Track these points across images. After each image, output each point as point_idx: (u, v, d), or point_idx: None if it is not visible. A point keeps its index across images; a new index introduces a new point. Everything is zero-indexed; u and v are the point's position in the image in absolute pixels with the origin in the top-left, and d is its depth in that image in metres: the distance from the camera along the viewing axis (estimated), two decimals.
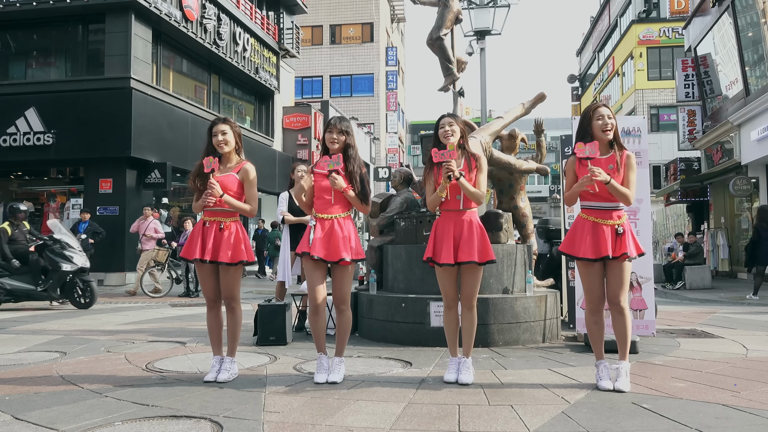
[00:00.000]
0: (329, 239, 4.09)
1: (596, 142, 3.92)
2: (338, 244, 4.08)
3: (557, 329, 5.98)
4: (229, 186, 4.16)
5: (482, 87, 12.30)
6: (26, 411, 3.46)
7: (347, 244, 4.11)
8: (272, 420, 3.27)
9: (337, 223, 4.13)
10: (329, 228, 4.12)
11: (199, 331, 6.67)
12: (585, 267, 3.95)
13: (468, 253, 3.99)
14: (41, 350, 5.54)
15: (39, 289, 9.31)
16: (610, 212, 3.92)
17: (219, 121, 4.29)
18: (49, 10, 14.85)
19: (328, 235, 4.10)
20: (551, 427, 3.16)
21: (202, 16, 17.26)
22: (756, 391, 3.84)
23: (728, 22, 16.10)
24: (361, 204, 4.19)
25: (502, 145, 7.26)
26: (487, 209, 6.36)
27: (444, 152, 4.01)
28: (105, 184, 14.58)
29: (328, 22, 36.70)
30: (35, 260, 9.37)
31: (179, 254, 4.10)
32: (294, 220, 6.66)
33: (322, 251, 4.07)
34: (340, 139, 4.17)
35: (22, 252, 9.47)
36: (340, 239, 4.09)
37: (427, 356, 5.00)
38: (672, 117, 26.44)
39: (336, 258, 4.09)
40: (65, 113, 14.37)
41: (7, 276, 9.29)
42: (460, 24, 7.23)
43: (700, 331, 6.67)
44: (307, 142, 24.92)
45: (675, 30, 27.71)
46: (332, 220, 4.13)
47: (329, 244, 4.09)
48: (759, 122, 14.64)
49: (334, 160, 4.11)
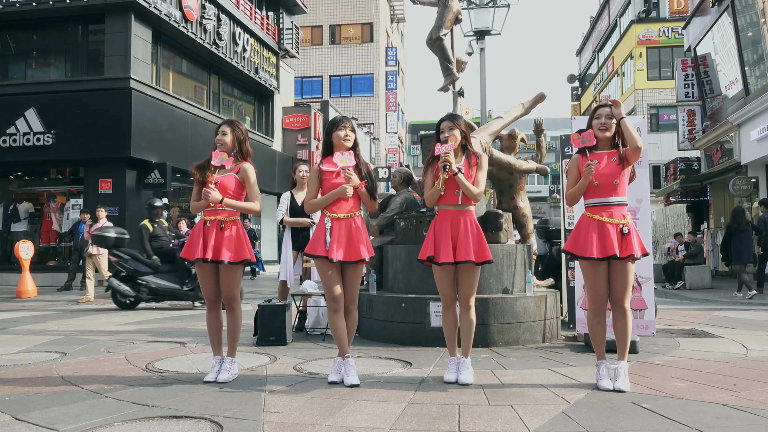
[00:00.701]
0: (348, 239, 4.05)
1: (591, 131, 3.94)
2: (357, 243, 4.05)
3: (557, 329, 5.98)
4: (228, 186, 4.16)
5: (482, 87, 12.30)
6: (26, 411, 3.46)
7: (364, 242, 4.10)
8: (272, 420, 3.27)
9: (353, 222, 4.11)
10: (347, 228, 4.07)
11: (199, 331, 6.67)
12: (591, 267, 3.92)
13: (465, 252, 3.98)
14: (41, 350, 5.54)
15: (185, 288, 9.05)
16: (615, 207, 3.92)
17: (224, 122, 4.32)
18: (48, 11, 14.83)
19: (346, 235, 4.06)
20: (551, 427, 3.16)
21: (202, 16, 17.25)
22: (756, 391, 3.84)
23: (728, 21, 16.10)
24: (371, 200, 4.17)
25: (502, 145, 7.26)
26: (487, 209, 6.35)
27: (445, 145, 4.01)
28: (105, 184, 14.56)
29: (327, 22, 36.70)
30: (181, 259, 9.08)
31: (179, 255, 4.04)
32: (293, 222, 6.65)
33: (341, 253, 4.02)
34: (352, 136, 4.15)
35: (166, 250, 9.13)
36: (357, 238, 4.07)
37: (427, 356, 5.00)
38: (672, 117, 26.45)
39: (357, 258, 4.05)
40: (65, 113, 14.36)
41: (151, 274, 9.05)
42: (460, 24, 7.23)
43: (700, 330, 6.67)
44: (307, 142, 24.93)
45: (675, 30, 27.72)
46: (349, 219, 4.10)
47: (349, 244, 4.04)
48: (759, 122, 14.64)
49: (346, 157, 4.04)
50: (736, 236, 11.93)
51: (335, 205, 4.10)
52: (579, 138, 3.93)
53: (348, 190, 4.03)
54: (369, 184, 4.13)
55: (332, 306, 4.10)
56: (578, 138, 3.93)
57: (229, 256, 4.10)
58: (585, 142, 3.91)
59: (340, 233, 4.05)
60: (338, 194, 4.06)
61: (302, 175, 6.72)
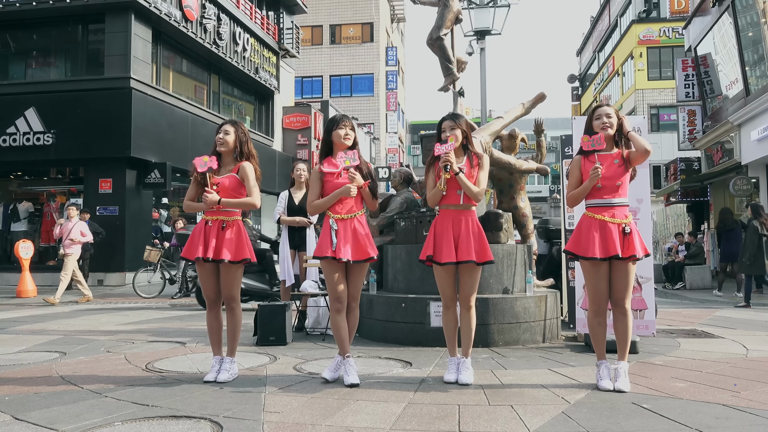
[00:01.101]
0: (354, 239, 4.06)
1: (601, 135, 3.94)
2: (364, 242, 4.07)
3: (557, 329, 5.97)
4: (229, 186, 4.16)
5: (482, 87, 12.30)
6: (26, 411, 3.46)
7: (370, 240, 4.11)
8: (272, 420, 3.27)
9: (357, 222, 4.11)
10: (351, 228, 4.08)
11: (199, 331, 6.67)
12: (592, 267, 3.92)
13: (467, 252, 3.98)
14: (41, 350, 5.54)
15: (275, 289, 8.74)
16: (617, 208, 3.92)
17: (227, 121, 4.32)
18: (48, 10, 14.84)
19: (352, 235, 4.06)
20: (551, 427, 3.15)
21: (202, 16, 17.25)
22: (756, 391, 3.84)
23: (728, 21, 16.09)
24: (373, 200, 4.18)
25: (502, 145, 7.26)
26: (487, 209, 6.35)
27: (445, 145, 4.00)
28: (105, 184, 14.57)
29: (328, 22, 36.69)
30: (269, 259, 8.86)
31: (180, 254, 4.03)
32: (289, 221, 6.66)
33: (349, 252, 4.02)
34: (352, 135, 4.15)
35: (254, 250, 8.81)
36: (362, 237, 4.08)
37: (427, 356, 5.00)
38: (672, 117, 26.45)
39: (365, 256, 4.06)
40: (65, 113, 14.36)
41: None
42: (460, 24, 7.22)
43: (700, 331, 6.67)
44: (307, 142, 24.93)
45: (675, 30, 27.71)
46: (352, 219, 4.10)
47: (356, 244, 4.05)
48: (759, 122, 14.64)
49: (350, 156, 4.02)
50: (725, 236, 12.15)
51: (338, 206, 4.09)
52: (589, 140, 3.92)
53: (352, 189, 4.02)
54: (371, 183, 4.15)
55: (335, 306, 4.11)
56: (588, 140, 3.93)
57: (230, 255, 4.11)
58: (595, 145, 3.91)
59: (346, 233, 4.05)
60: (342, 194, 4.04)
61: (300, 174, 6.71)
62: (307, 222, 6.61)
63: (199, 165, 4.09)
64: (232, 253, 4.12)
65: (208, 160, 4.10)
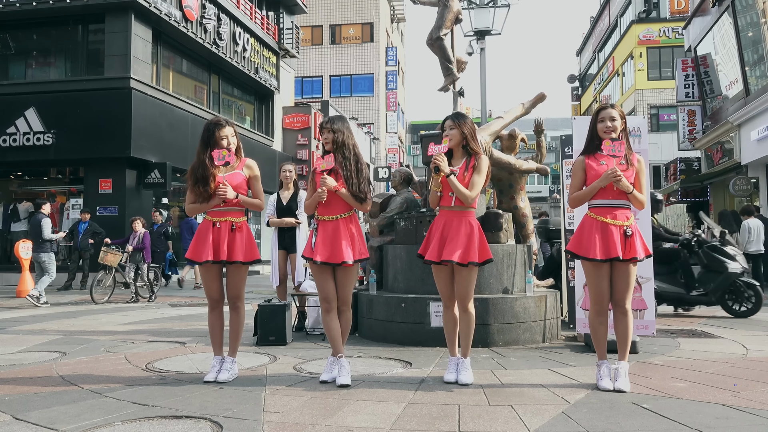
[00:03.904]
0: (332, 241, 4.06)
1: (623, 141, 3.93)
2: (341, 245, 4.05)
3: (557, 329, 5.97)
4: (237, 183, 4.17)
5: (482, 87, 12.30)
6: (26, 411, 3.46)
7: (350, 244, 4.08)
8: (272, 420, 3.27)
9: (341, 224, 4.11)
10: (332, 230, 4.09)
11: (199, 331, 6.67)
12: (593, 268, 3.92)
13: (449, 253, 3.96)
14: (41, 350, 5.54)
15: (695, 293, 8.00)
16: (620, 210, 3.91)
17: (219, 126, 4.22)
18: (48, 10, 14.84)
19: (331, 237, 4.07)
20: (551, 427, 3.15)
21: (202, 16, 17.25)
22: (756, 391, 3.84)
23: (728, 22, 16.10)
24: (357, 202, 4.12)
25: (502, 145, 7.26)
26: (487, 209, 6.36)
27: (438, 146, 4.01)
28: (105, 184, 14.58)
29: (328, 22, 36.70)
30: (684, 259, 8.20)
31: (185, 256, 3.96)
32: (278, 222, 6.70)
33: (324, 254, 4.04)
34: (329, 138, 4.16)
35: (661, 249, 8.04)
36: (342, 241, 4.06)
37: (427, 356, 5.00)
38: (672, 117, 26.46)
39: (338, 260, 4.05)
40: (65, 113, 14.36)
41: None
42: (460, 24, 7.22)
43: (700, 331, 6.67)
44: (307, 142, 24.94)
45: (675, 30, 27.73)
46: (336, 221, 4.11)
47: (333, 247, 4.06)
48: (759, 122, 14.64)
49: (326, 161, 4.09)
50: None
51: (322, 208, 4.12)
52: (611, 146, 3.89)
53: (322, 195, 4.03)
54: (357, 186, 4.08)
55: (324, 306, 4.16)
56: (610, 146, 3.89)
57: (242, 256, 4.15)
58: (615, 151, 3.89)
59: (325, 235, 4.08)
60: (315, 199, 4.09)
61: (286, 175, 6.79)
62: (294, 222, 6.65)
63: (217, 157, 4.08)
64: (244, 255, 4.15)
65: (227, 154, 4.11)
